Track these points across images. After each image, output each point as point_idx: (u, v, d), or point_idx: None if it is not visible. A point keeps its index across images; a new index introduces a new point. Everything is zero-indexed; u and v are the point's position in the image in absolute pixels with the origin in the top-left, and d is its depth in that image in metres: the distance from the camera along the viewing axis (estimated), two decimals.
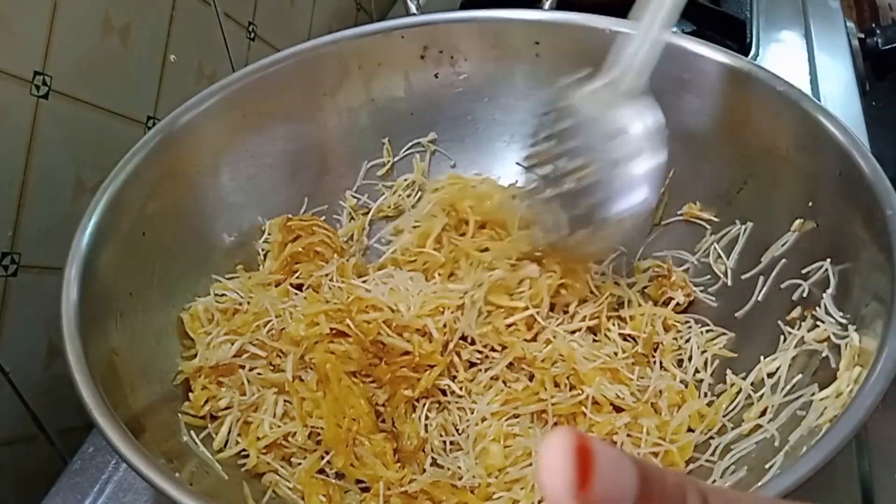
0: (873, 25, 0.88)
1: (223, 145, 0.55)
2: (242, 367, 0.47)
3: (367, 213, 0.60)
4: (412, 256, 0.54)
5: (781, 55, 0.79)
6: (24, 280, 0.51)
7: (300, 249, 0.54)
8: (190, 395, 0.46)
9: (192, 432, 0.44)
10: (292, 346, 0.46)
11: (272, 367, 0.47)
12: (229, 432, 0.45)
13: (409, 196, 0.61)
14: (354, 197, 0.60)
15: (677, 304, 0.51)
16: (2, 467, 0.51)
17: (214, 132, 0.54)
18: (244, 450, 0.44)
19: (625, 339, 0.49)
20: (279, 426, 0.45)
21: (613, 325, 0.50)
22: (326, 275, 0.52)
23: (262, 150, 0.57)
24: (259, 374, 0.47)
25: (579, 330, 0.49)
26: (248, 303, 0.51)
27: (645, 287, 0.53)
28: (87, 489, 0.46)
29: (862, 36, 0.84)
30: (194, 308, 0.50)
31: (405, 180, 0.61)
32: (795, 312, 0.44)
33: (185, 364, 0.47)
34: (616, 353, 0.48)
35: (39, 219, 0.51)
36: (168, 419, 0.44)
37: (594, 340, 0.49)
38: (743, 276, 0.50)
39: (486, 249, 0.53)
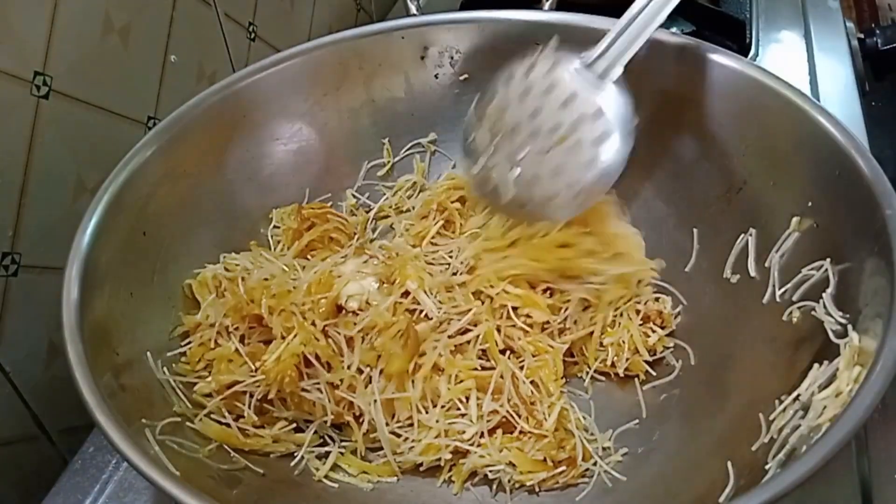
0: (873, 25, 0.88)
1: (223, 145, 0.55)
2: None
3: (369, 211, 0.60)
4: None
5: (781, 55, 0.79)
6: (24, 280, 0.51)
7: (315, 237, 0.55)
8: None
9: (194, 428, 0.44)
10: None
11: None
12: None
13: (409, 197, 0.61)
14: (355, 196, 0.60)
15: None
16: (2, 467, 0.51)
17: (215, 132, 0.54)
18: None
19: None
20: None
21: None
22: (343, 256, 0.53)
23: (262, 150, 0.57)
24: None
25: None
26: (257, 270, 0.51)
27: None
28: (87, 489, 0.46)
29: (861, 36, 0.84)
30: (203, 275, 0.51)
31: (406, 181, 0.61)
32: (795, 312, 0.44)
33: (187, 318, 0.49)
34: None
35: (40, 219, 0.51)
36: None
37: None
38: (742, 277, 0.50)
39: None
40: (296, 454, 0.46)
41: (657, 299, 0.52)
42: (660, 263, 0.52)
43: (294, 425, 0.47)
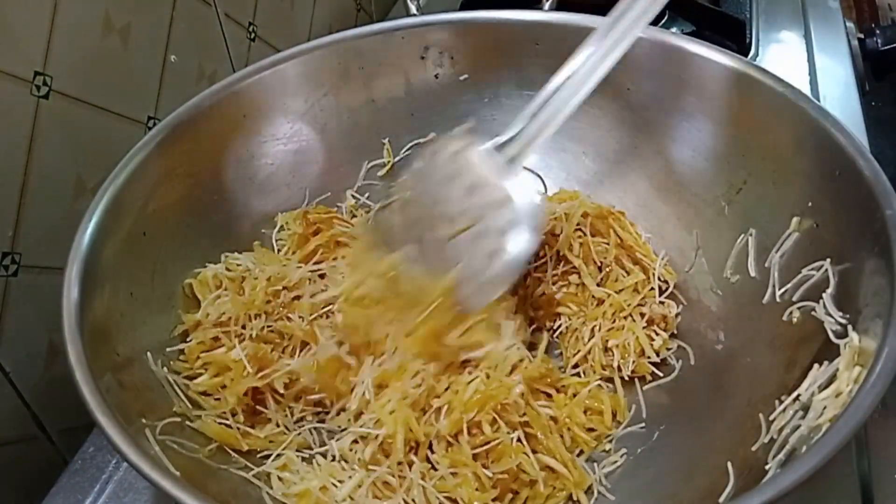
0: (873, 26, 0.88)
1: (223, 145, 0.55)
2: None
3: (369, 211, 0.60)
4: None
5: (781, 55, 0.79)
6: (24, 280, 0.51)
7: (322, 242, 0.55)
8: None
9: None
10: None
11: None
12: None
13: None
14: (355, 197, 0.60)
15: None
16: (2, 467, 0.51)
17: (214, 132, 0.54)
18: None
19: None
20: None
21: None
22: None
23: (262, 150, 0.57)
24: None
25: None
26: (261, 271, 0.51)
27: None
28: (87, 489, 0.46)
29: (861, 36, 0.85)
30: (204, 274, 0.51)
31: None
32: (795, 312, 0.44)
33: (187, 317, 0.49)
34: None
35: (40, 219, 0.51)
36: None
37: None
38: (742, 277, 0.50)
39: None
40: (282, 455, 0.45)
41: (662, 303, 0.52)
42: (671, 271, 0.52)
43: (283, 428, 0.47)
